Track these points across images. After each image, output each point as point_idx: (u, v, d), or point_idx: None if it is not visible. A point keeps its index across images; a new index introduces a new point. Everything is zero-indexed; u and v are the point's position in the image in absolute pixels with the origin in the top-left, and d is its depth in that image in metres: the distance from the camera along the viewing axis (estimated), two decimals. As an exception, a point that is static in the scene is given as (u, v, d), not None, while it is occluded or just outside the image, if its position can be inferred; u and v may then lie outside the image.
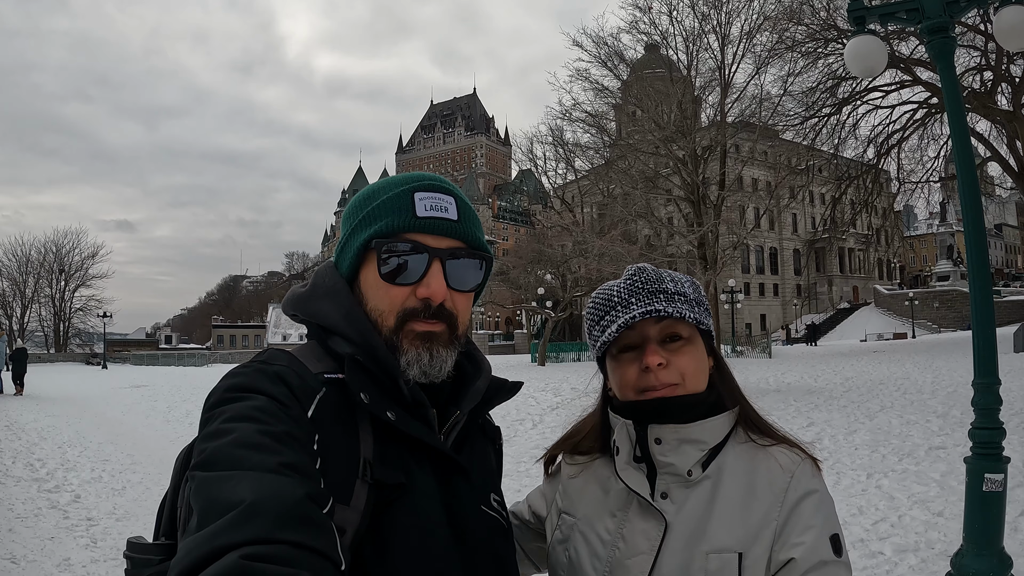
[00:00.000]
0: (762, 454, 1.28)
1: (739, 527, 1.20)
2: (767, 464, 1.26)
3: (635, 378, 1.30)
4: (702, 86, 25.27)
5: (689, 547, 1.21)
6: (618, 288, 1.34)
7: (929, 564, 5.62)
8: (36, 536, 7.14)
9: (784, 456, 1.28)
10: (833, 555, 1.17)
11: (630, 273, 1.36)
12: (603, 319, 1.33)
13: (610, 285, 1.37)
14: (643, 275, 1.34)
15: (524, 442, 11.49)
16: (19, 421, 16.23)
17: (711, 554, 1.19)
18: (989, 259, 5.06)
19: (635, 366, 1.30)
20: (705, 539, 1.21)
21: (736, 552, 1.19)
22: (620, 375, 1.33)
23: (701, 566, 1.19)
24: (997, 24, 5.38)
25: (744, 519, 1.21)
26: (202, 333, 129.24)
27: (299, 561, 0.77)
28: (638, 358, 1.30)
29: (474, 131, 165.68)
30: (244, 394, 1.01)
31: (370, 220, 1.17)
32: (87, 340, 79.43)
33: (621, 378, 1.32)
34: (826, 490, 1.26)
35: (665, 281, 1.33)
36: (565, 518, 1.39)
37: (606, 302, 1.34)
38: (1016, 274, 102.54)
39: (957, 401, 12.90)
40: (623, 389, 1.33)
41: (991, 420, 4.70)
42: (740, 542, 1.19)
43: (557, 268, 40.81)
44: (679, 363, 1.29)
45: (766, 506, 1.21)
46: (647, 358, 1.27)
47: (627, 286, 1.33)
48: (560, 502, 1.44)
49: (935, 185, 29.16)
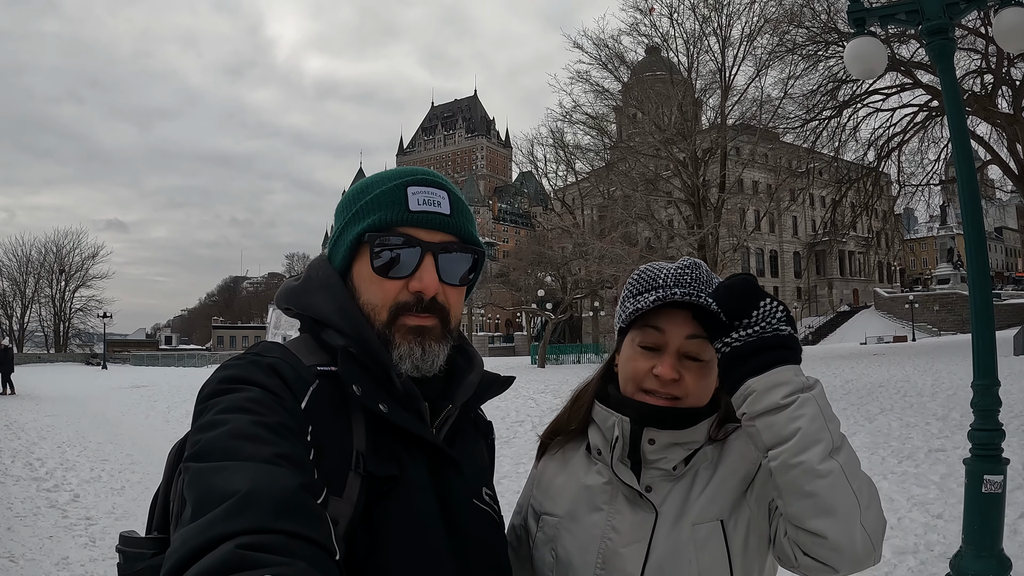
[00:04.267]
0: (734, 435, 1.34)
1: (720, 497, 1.28)
2: (741, 442, 1.31)
3: (642, 376, 1.32)
4: (703, 88, 25.30)
5: (677, 526, 1.26)
6: (667, 271, 1.34)
7: (928, 566, 5.62)
8: (35, 535, 7.14)
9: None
10: None
11: (686, 263, 1.35)
12: (640, 295, 1.33)
13: (660, 266, 1.37)
14: (696, 271, 1.33)
15: (523, 443, 11.48)
16: (19, 420, 16.25)
17: (697, 524, 1.26)
18: (989, 262, 5.06)
19: (648, 366, 1.31)
20: (689, 514, 1.27)
21: (719, 520, 1.26)
22: (632, 368, 1.34)
23: (690, 538, 1.25)
24: (997, 25, 5.39)
25: (724, 490, 1.28)
26: (202, 334, 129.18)
27: (294, 550, 0.77)
28: (654, 360, 1.31)
29: (475, 133, 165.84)
30: (238, 385, 1.01)
31: (363, 214, 1.17)
32: (87, 340, 79.42)
33: (632, 371, 1.34)
34: None
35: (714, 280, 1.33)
36: (546, 519, 1.40)
37: (651, 279, 1.34)
38: (1016, 277, 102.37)
39: (957, 404, 12.90)
40: (628, 381, 1.35)
41: (990, 422, 4.70)
42: (721, 510, 1.27)
43: (557, 270, 40.84)
44: (689, 382, 1.31)
45: (743, 473, 1.29)
46: (662, 369, 1.29)
47: (676, 271, 1.33)
48: (536, 506, 1.45)
49: (935, 188, 29.23)
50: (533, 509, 1.45)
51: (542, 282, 42.87)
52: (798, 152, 28.42)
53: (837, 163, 28.46)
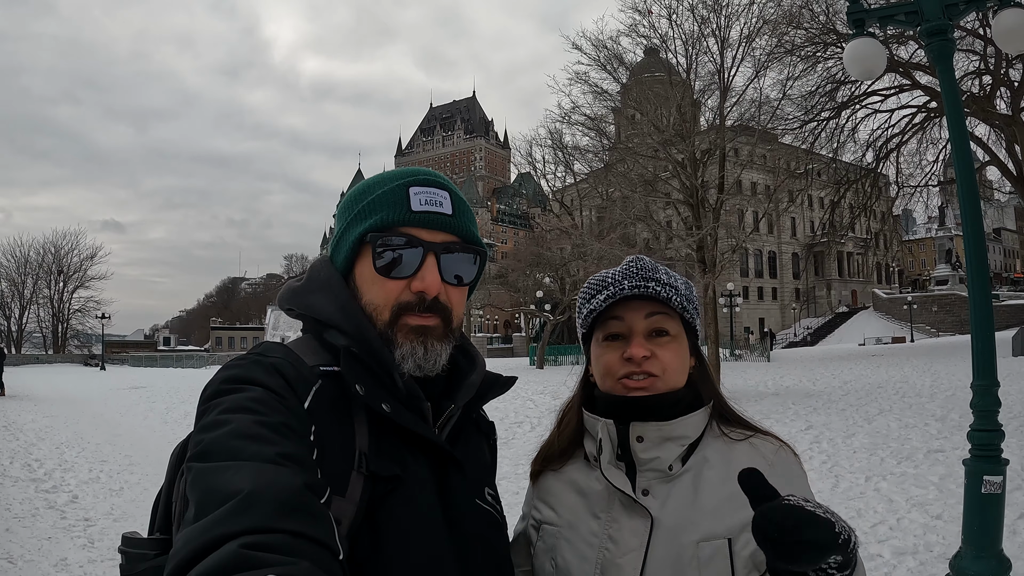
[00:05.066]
0: (742, 445, 1.33)
1: (726, 515, 1.24)
2: (748, 454, 1.30)
3: (617, 366, 1.33)
4: (701, 89, 25.19)
5: (678, 538, 1.24)
6: (613, 272, 1.38)
7: (928, 567, 5.62)
8: (33, 536, 7.13)
9: (762, 444, 1.33)
10: None
11: (627, 261, 1.40)
12: (594, 298, 1.37)
13: (606, 271, 1.41)
14: (639, 263, 1.38)
15: (522, 445, 11.47)
16: (17, 421, 16.23)
17: (702, 542, 1.23)
18: (988, 263, 5.07)
19: (618, 354, 1.33)
20: (694, 529, 1.24)
21: (726, 538, 1.23)
22: (604, 362, 1.36)
23: (693, 555, 1.22)
24: (996, 26, 5.39)
25: (730, 507, 1.24)
26: (201, 335, 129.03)
27: (298, 550, 0.77)
28: (622, 347, 1.33)
29: (473, 134, 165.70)
30: (241, 385, 1.01)
31: (365, 214, 1.17)
32: (85, 341, 79.43)
33: (605, 365, 1.36)
34: (803, 472, 1.33)
35: (659, 272, 1.37)
36: (546, 528, 1.39)
37: (600, 282, 1.38)
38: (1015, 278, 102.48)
39: (956, 405, 12.93)
40: (604, 377, 1.36)
41: (990, 422, 4.70)
42: (729, 529, 1.24)
43: (556, 271, 40.89)
44: (663, 357, 1.32)
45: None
46: (632, 349, 1.31)
47: (622, 270, 1.37)
48: (536, 515, 1.44)
49: (934, 189, 29.23)
50: (533, 518, 1.45)
51: (540, 283, 42.89)
52: (797, 153, 28.40)
53: (836, 164, 28.47)
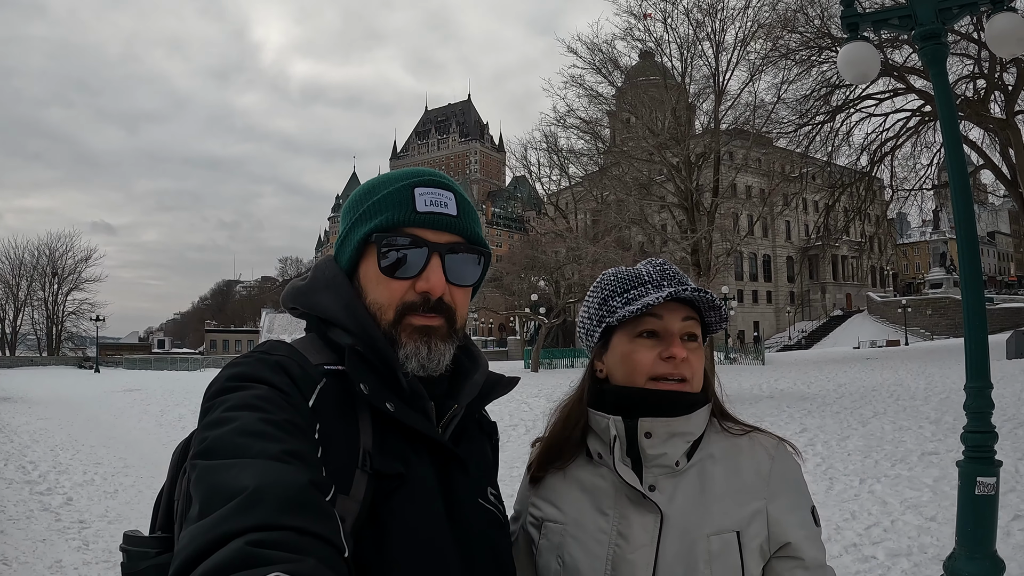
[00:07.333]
0: (743, 440, 1.37)
1: (733, 509, 1.28)
2: (750, 449, 1.35)
3: (650, 364, 1.33)
4: (696, 93, 25.22)
5: (688, 533, 1.26)
6: (647, 269, 1.39)
7: (922, 568, 5.64)
8: (28, 538, 7.10)
9: (763, 438, 1.37)
10: (814, 526, 1.31)
11: (656, 261, 1.41)
12: (628, 292, 1.37)
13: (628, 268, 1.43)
14: (671, 267, 1.40)
15: (517, 447, 11.42)
16: (11, 424, 16.17)
17: (712, 536, 1.25)
18: (982, 266, 5.09)
19: (654, 353, 1.33)
20: (705, 523, 1.27)
21: (735, 531, 1.26)
22: (637, 358, 1.34)
23: (704, 548, 1.24)
24: (989, 30, 5.42)
25: (737, 501, 1.28)
26: (195, 337, 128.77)
27: (304, 547, 0.76)
28: (657, 347, 1.33)
29: (468, 137, 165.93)
30: (246, 383, 1.01)
31: (370, 214, 1.18)
32: (80, 344, 79.27)
33: (637, 361, 1.34)
34: (799, 465, 1.37)
35: (687, 278, 1.40)
36: (549, 526, 1.39)
37: (634, 278, 1.39)
38: (1009, 281, 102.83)
39: (950, 407, 12.96)
40: (633, 373, 1.34)
41: (983, 424, 4.72)
42: (737, 522, 1.27)
43: (551, 274, 40.83)
44: (692, 360, 1.34)
45: (754, 487, 1.30)
46: (674, 349, 1.31)
47: (657, 270, 1.39)
48: (536, 512, 1.43)
49: (928, 193, 29.31)
50: (532, 516, 1.44)
51: (535, 286, 42.86)
52: (791, 157, 28.46)
53: (830, 168, 28.62)
